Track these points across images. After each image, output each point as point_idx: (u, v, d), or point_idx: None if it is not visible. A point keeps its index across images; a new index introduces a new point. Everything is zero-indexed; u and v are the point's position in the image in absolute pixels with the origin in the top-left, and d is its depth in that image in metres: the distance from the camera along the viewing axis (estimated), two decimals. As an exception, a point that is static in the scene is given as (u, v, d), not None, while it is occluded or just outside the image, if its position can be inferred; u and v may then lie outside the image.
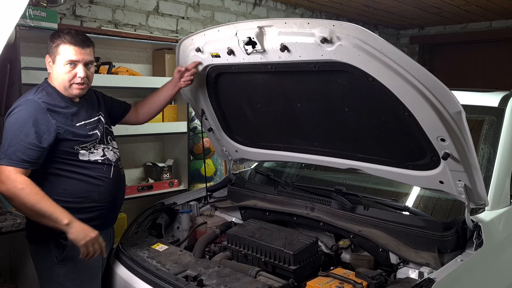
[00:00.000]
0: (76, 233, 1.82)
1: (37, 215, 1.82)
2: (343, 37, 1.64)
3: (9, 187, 1.80)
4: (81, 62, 1.98)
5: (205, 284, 1.74)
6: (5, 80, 2.81)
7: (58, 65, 1.97)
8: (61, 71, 1.97)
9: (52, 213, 1.80)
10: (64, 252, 1.94)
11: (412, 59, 1.57)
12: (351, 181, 2.45)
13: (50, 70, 2.02)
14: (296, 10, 5.41)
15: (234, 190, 2.66)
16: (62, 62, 1.96)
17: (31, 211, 1.82)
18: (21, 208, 1.85)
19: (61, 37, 1.96)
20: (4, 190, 1.82)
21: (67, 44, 1.95)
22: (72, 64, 1.97)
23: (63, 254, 1.94)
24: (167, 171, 3.75)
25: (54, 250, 1.95)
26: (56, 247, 1.95)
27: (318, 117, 2.10)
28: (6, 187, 1.81)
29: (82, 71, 1.98)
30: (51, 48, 1.98)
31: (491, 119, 2.27)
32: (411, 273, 1.78)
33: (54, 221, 1.81)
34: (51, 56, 1.99)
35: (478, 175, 1.73)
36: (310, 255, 1.92)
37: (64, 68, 1.97)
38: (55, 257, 1.95)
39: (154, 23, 3.98)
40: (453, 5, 5.07)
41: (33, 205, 1.80)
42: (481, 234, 1.80)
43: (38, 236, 1.98)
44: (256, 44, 1.90)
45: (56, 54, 1.97)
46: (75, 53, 1.96)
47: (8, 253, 2.94)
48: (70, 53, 1.95)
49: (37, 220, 1.84)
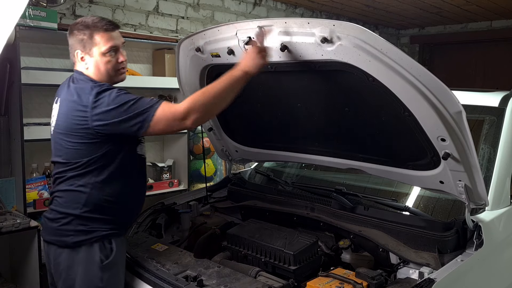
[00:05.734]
0: (252, 66, 1.79)
1: (226, 95, 1.77)
2: (343, 37, 1.64)
3: (184, 105, 1.72)
4: (120, 46, 1.89)
5: (205, 284, 1.74)
6: (4, 80, 2.81)
7: (97, 55, 1.84)
8: (104, 61, 1.84)
9: (230, 82, 1.77)
10: (111, 256, 1.81)
11: (413, 59, 1.57)
12: (351, 181, 2.45)
13: (85, 66, 1.86)
14: (296, 9, 5.41)
15: (234, 190, 2.65)
16: (102, 51, 1.83)
17: (219, 98, 1.76)
18: (213, 103, 1.76)
19: (89, 27, 1.83)
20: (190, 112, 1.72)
21: (101, 31, 1.83)
22: (113, 51, 1.85)
23: (110, 257, 1.81)
24: (167, 171, 3.75)
25: (100, 254, 1.80)
26: (101, 251, 1.80)
27: (318, 117, 2.10)
28: (184, 107, 1.71)
29: (124, 54, 1.90)
30: (82, 42, 1.83)
31: (492, 119, 2.27)
32: (411, 273, 1.78)
33: (239, 83, 1.79)
34: (85, 50, 1.84)
35: (479, 175, 1.73)
36: (310, 255, 1.92)
37: (106, 56, 1.84)
38: (100, 261, 1.79)
39: (154, 23, 3.98)
40: (453, 4, 5.06)
41: (213, 97, 1.74)
42: (481, 234, 1.80)
43: (80, 240, 1.79)
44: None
45: (92, 46, 1.83)
46: (113, 37, 1.85)
47: (8, 253, 2.94)
48: (109, 40, 1.84)
49: (233, 95, 1.80)
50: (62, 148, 1.83)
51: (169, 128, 1.78)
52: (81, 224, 1.79)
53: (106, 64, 1.85)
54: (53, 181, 1.92)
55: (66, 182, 1.82)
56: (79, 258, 1.78)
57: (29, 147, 2.90)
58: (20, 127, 2.77)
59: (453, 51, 6.62)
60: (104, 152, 1.79)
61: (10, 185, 2.91)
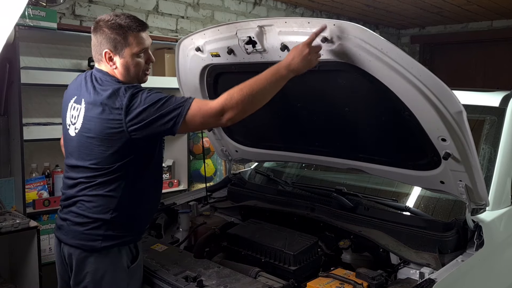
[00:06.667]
0: (301, 65, 1.67)
1: (266, 93, 1.68)
2: (344, 37, 1.63)
3: (220, 102, 1.63)
4: (149, 47, 1.82)
5: (204, 285, 1.73)
6: (4, 80, 2.81)
7: (128, 57, 1.76)
8: (134, 62, 1.77)
9: (273, 80, 1.66)
10: (136, 260, 1.80)
11: (413, 59, 1.57)
12: (352, 181, 2.45)
13: (112, 66, 1.78)
14: (296, 9, 5.40)
15: (234, 190, 2.65)
16: (135, 52, 1.76)
17: (257, 97, 1.66)
18: (250, 101, 1.66)
19: (123, 27, 1.74)
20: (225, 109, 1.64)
21: (135, 31, 1.75)
22: (143, 53, 1.79)
23: (135, 262, 1.80)
24: (166, 171, 3.74)
25: (125, 257, 1.77)
26: (128, 256, 1.78)
27: (319, 116, 2.10)
28: (220, 104, 1.63)
29: (152, 55, 1.84)
30: (114, 42, 1.74)
31: (492, 119, 2.27)
32: (411, 273, 1.77)
33: (281, 82, 1.69)
34: (116, 51, 1.75)
35: (479, 175, 1.72)
36: (310, 255, 1.92)
37: (138, 58, 1.78)
38: (126, 265, 1.77)
39: (154, 23, 3.97)
40: (454, 4, 5.06)
41: (251, 94, 1.64)
42: (482, 235, 1.79)
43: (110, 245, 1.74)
44: (256, 44, 1.90)
45: (124, 47, 1.74)
46: (146, 38, 1.79)
47: (7, 254, 2.93)
48: (143, 41, 1.77)
49: (274, 93, 1.70)
50: (93, 153, 1.73)
51: (205, 125, 1.75)
52: (110, 229, 1.73)
53: (136, 65, 1.79)
54: (72, 184, 1.81)
55: (96, 187, 1.74)
56: (107, 262, 1.74)
57: (28, 147, 2.90)
58: (19, 127, 2.77)
59: (454, 51, 6.62)
60: (137, 155, 1.73)
61: (9, 185, 2.91)
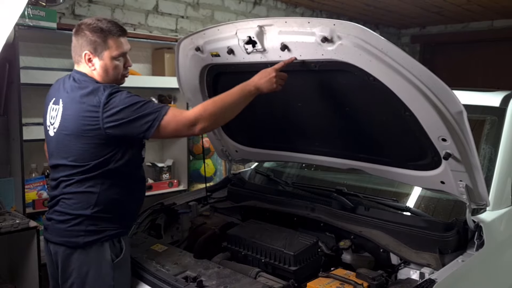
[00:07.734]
0: (265, 85, 1.82)
1: (236, 107, 1.81)
2: (344, 37, 1.63)
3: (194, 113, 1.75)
4: (128, 52, 1.91)
5: (204, 285, 1.73)
6: (3, 80, 2.81)
7: (107, 59, 1.84)
8: (113, 65, 1.85)
9: (241, 95, 1.80)
10: (121, 254, 1.84)
11: (413, 59, 1.56)
12: (352, 182, 2.44)
13: (91, 68, 1.85)
14: (296, 9, 5.40)
15: (234, 191, 2.65)
16: (114, 56, 1.84)
17: (229, 109, 1.80)
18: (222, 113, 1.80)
19: (104, 31, 1.82)
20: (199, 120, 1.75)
21: (115, 36, 1.83)
22: (122, 56, 1.87)
23: (120, 256, 1.84)
24: (166, 171, 3.74)
25: (110, 252, 1.81)
26: (112, 250, 1.82)
27: (319, 116, 2.09)
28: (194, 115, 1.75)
29: (130, 60, 1.92)
30: (94, 44, 1.82)
31: (493, 119, 2.26)
32: (412, 273, 1.77)
33: (249, 98, 1.83)
34: (96, 53, 1.83)
35: (480, 175, 1.72)
36: (310, 255, 1.92)
37: (116, 61, 1.86)
38: (111, 260, 1.81)
39: (154, 22, 3.97)
40: (454, 4, 5.06)
41: (223, 107, 1.78)
42: (482, 235, 1.79)
43: (92, 240, 1.79)
44: (256, 43, 1.89)
45: (103, 49, 1.82)
46: (125, 43, 1.88)
47: (7, 254, 2.93)
48: (122, 45, 1.86)
49: (242, 107, 1.84)
50: (71, 150, 1.79)
51: (177, 133, 1.81)
52: (92, 224, 1.79)
53: (115, 68, 1.87)
54: (55, 184, 1.88)
55: (75, 185, 1.80)
56: (91, 257, 1.79)
57: (28, 147, 2.89)
58: (19, 127, 2.77)
59: (454, 50, 6.61)
60: (114, 152, 1.79)
61: (9, 185, 2.91)
